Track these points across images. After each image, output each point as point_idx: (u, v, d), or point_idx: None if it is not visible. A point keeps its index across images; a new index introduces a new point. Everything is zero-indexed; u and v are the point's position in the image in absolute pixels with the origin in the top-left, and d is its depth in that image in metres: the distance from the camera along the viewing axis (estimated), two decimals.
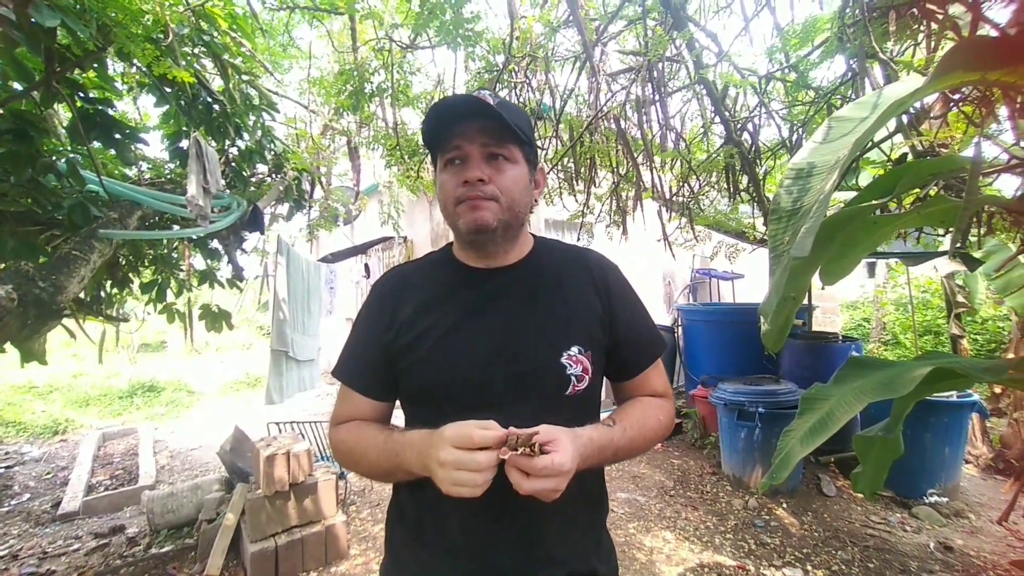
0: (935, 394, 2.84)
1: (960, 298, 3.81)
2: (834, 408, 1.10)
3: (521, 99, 2.62)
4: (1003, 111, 1.81)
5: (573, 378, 0.84)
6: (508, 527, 0.82)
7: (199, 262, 3.02)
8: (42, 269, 1.48)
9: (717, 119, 2.51)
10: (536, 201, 0.93)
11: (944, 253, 3.25)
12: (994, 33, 1.55)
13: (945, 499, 3.08)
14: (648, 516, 3.13)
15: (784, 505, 3.16)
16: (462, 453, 0.67)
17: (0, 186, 1.68)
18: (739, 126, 2.49)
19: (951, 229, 1.97)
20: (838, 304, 8.37)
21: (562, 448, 0.68)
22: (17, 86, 1.67)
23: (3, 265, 1.78)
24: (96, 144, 1.97)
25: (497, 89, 2.42)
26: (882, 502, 3.16)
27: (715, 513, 3.13)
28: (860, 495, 3.21)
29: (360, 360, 0.92)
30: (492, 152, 0.83)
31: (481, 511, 0.77)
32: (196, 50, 2.12)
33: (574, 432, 0.74)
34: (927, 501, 3.07)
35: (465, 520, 0.82)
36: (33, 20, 1.25)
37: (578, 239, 3.61)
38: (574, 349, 0.85)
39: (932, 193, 2.08)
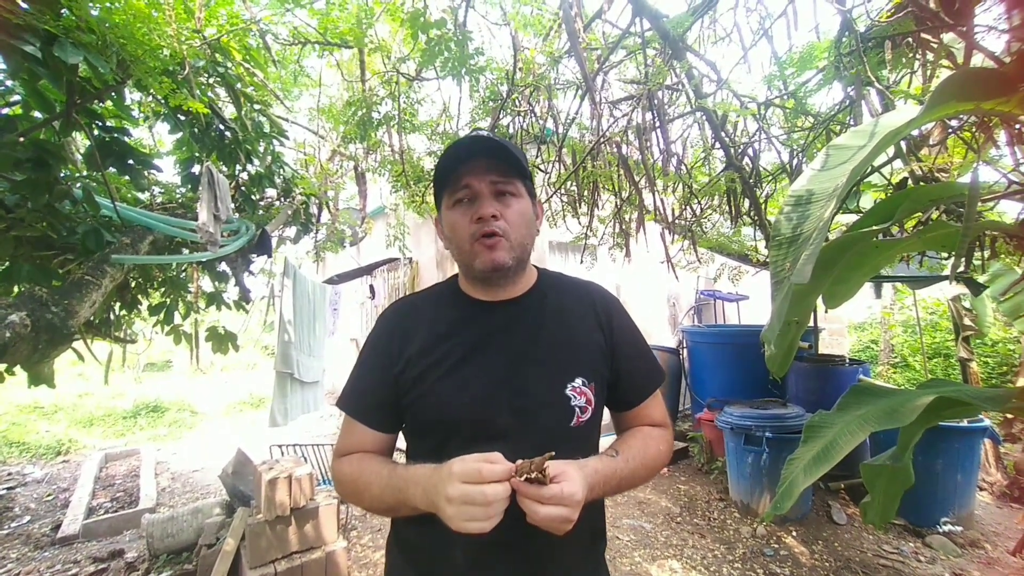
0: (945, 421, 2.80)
1: (967, 321, 3.78)
2: (837, 437, 1.09)
3: (524, 125, 2.67)
4: (1002, 136, 1.83)
5: (577, 409, 0.85)
6: (514, 559, 0.82)
7: (207, 284, 3.06)
8: (55, 294, 1.51)
9: (718, 144, 2.55)
10: (537, 231, 0.96)
11: (946, 277, 3.25)
12: (988, 62, 1.58)
13: (960, 528, 3.00)
14: (654, 544, 3.07)
15: (794, 533, 3.09)
16: (470, 487, 0.66)
17: (17, 212, 1.73)
18: (739, 151, 2.52)
19: (953, 253, 1.98)
20: (845, 326, 8.30)
21: (571, 479, 0.69)
22: (37, 114, 1.74)
23: (17, 290, 1.82)
24: (111, 170, 2.03)
25: (501, 117, 2.48)
26: (895, 531, 3.08)
27: (723, 541, 3.07)
28: (869, 524, 3.15)
29: (365, 392, 0.92)
30: (500, 189, 0.85)
31: (487, 544, 0.76)
32: (210, 80, 2.19)
33: (580, 463, 0.75)
34: (941, 530, 2.99)
35: (471, 553, 0.82)
36: (57, 55, 1.31)
37: (581, 261, 3.63)
38: (578, 381, 0.86)
39: (934, 217, 2.09)
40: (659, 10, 1.89)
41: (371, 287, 6.56)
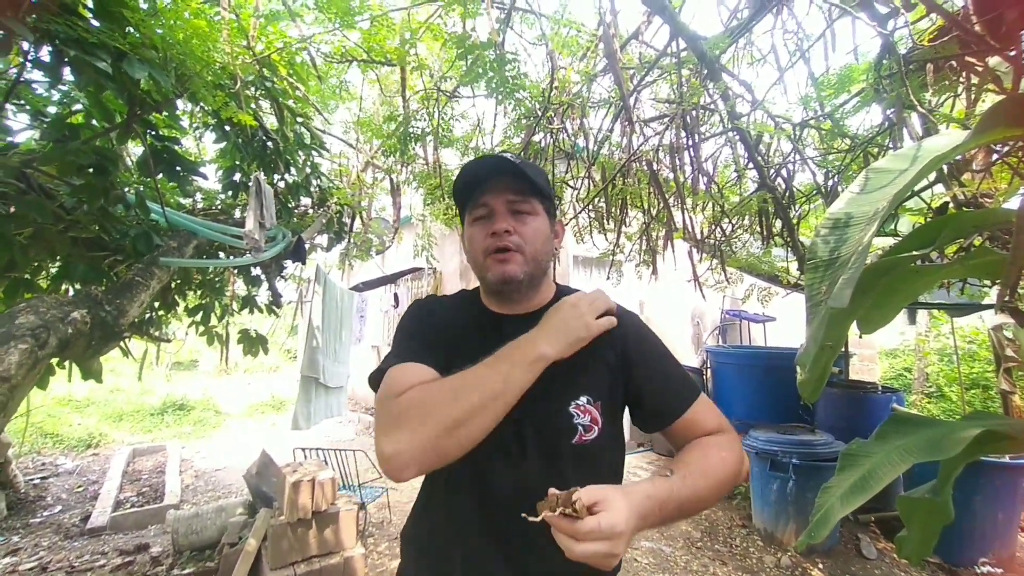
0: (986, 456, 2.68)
1: (1010, 352, 3.63)
2: (876, 467, 1.06)
3: (556, 142, 2.71)
4: None
5: (580, 427, 0.85)
6: (511, 569, 0.82)
7: (240, 287, 3.16)
8: (108, 293, 1.59)
9: (750, 164, 2.53)
10: (556, 251, 0.98)
11: (990, 306, 3.14)
12: None
13: (1000, 570, 2.85)
14: (673, 569, 3.00)
15: (820, 566, 2.98)
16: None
17: (74, 214, 1.83)
18: (773, 171, 2.50)
19: (997, 281, 1.90)
20: (877, 352, 8.04)
21: (612, 508, 0.63)
22: (94, 122, 1.85)
23: (68, 288, 1.91)
24: (159, 176, 2.13)
25: (535, 133, 2.52)
26: (928, 569, 2.95)
27: (745, 570, 2.98)
28: (904, 560, 3.01)
29: (414, 344, 0.91)
30: (516, 207, 0.89)
31: (486, 549, 0.81)
32: (257, 93, 2.30)
33: (625, 490, 0.69)
34: (979, 571, 2.85)
35: (469, 556, 0.84)
36: (123, 70, 1.40)
37: (608, 277, 3.62)
38: (583, 399, 0.86)
39: (976, 244, 2.03)
40: (696, 31, 1.91)
41: (395, 295, 6.66)
